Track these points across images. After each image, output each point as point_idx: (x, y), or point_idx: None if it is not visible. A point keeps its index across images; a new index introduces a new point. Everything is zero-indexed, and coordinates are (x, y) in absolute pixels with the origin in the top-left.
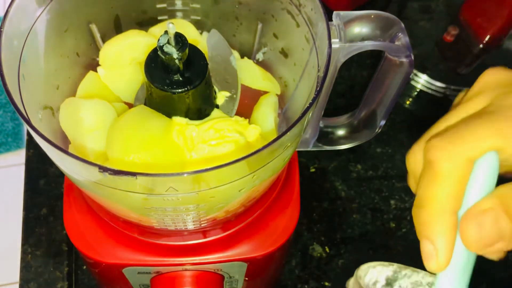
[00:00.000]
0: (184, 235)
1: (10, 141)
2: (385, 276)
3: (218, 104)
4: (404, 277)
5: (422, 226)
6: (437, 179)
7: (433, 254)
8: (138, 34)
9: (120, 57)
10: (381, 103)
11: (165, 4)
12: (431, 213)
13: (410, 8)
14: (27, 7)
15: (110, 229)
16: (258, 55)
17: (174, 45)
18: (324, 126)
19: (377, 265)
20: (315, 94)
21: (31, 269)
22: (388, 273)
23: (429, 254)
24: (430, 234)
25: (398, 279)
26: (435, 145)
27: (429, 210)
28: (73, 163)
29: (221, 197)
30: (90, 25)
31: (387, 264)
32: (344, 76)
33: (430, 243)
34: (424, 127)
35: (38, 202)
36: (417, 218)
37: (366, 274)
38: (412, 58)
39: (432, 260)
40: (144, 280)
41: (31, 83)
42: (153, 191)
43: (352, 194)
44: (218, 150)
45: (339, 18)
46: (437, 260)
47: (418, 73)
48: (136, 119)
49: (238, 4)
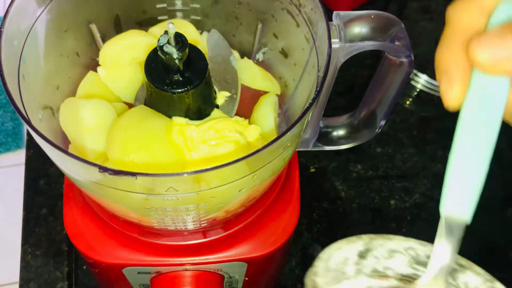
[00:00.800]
0: (184, 235)
1: (10, 141)
2: (356, 251)
3: (218, 104)
4: (378, 247)
5: (438, 62)
6: (454, 28)
7: (448, 86)
8: (138, 34)
9: (120, 57)
10: (381, 103)
11: (165, 4)
12: (447, 48)
13: (410, 8)
14: (27, 7)
15: (110, 229)
16: (258, 55)
17: (174, 45)
18: (324, 126)
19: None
20: (315, 94)
21: (31, 269)
22: (359, 247)
23: (445, 88)
24: (445, 66)
25: (371, 250)
26: (452, 4)
27: (444, 47)
28: (73, 163)
29: (221, 197)
30: (90, 25)
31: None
32: (344, 76)
33: (446, 75)
34: (424, 127)
35: (38, 202)
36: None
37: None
38: (412, 58)
39: (448, 93)
40: (144, 280)
41: (31, 83)
42: (153, 191)
43: (352, 194)
44: (218, 150)
45: (339, 18)
46: (452, 91)
47: (418, 73)
48: (136, 119)
49: (238, 4)
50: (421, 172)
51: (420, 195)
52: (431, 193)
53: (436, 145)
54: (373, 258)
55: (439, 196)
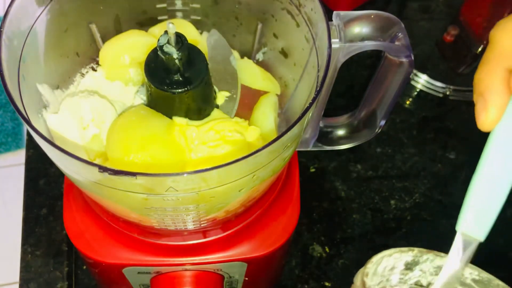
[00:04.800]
0: (184, 235)
1: (10, 141)
2: (404, 261)
3: (218, 104)
4: (426, 261)
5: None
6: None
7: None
8: (138, 34)
9: (120, 57)
10: (381, 103)
11: (165, 4)
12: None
13: (410, 8)
14: (27, 7)
15: (110, 229)
16: (258, 55)
17: (174, 45)
18: (324, 126)
19: (393, 252)
20: (315, 94)
21: (31, 269)
22: (408, 258)
23: (480, 109)
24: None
25: (419, 263)
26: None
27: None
28: (73, 163)
29: (221, 197)
30: (90, 25)
31: (405, 250)
32: (344, 76)
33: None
34: (424, 127)
35: (38, 202)
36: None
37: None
38: (412, 58)
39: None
40: (144, 280)
41: (31, 83)
42: (153, 191)
43: (352, 194)
44: (218, 151)
45: (339, 18)
46: (486, 114)
47: (418, 73)
48: (136, 119)
49: (238, 4)
50: (421, 172)
51: (420, 195)
52: (431, 193)
53: (436, 145)
54: (419, 271)
55: (439, 196)
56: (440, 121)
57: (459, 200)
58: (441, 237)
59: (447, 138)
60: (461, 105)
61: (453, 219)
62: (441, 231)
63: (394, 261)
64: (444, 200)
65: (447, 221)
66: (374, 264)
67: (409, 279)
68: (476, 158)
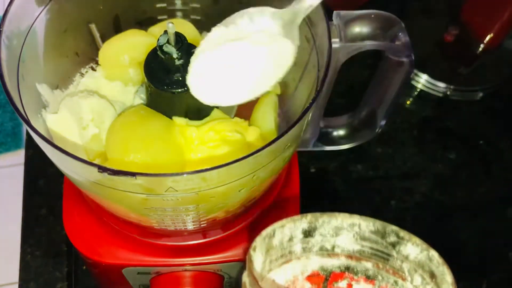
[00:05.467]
0: (184, 236)
1: (9, 141)
2: (301, 229)
3: None
4: (323, 224)
5: None
6: None
7: None
8: (138, 34)
9: (120, 57)
10: (381, 103)
11: (165, 4)
12: None
13: (410, 8)
14: (26, 7)
15: (110, 229)
16: None
17: (174, 44)
18: (324, 126)
19: (286, 223)
20: (315, 94)
21: (30, 269)
22: (303, 225)
23: None
24: None
25: (317, 228)
26: None
27: None
28: (72, 163)
29: (221, 197)
30: (89, 25)
31: (298, 218)
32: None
33: None
34: (424, 127)
35: (38, 202)
36: None
37: (273, 237)
38: (413, 58)
39: None
40: (144, 280)
41: (30, 83)
42: (153, 191)
43: (352, 194)
44: (218, 151)
45: (339, 18)
46: None
47: (418, 73)
48: (136, 119)
49: (238, 4)
50: (421, 172)
51: (420, 195)
52: (431, 193)
53: (436, 145)
54: (319, 236)
55: (439, 196)
56: (441, 121)
57: (459, 200)
58: (441, 237)
59: (447, 138)
60: (461, 105)
61: (454, 219)
62: (441, 231)
63: (290, 231)
64: (444, 200)
65: (447, 221)
66: (265, 238)
67: (313, 246)
68: (476, 158)
